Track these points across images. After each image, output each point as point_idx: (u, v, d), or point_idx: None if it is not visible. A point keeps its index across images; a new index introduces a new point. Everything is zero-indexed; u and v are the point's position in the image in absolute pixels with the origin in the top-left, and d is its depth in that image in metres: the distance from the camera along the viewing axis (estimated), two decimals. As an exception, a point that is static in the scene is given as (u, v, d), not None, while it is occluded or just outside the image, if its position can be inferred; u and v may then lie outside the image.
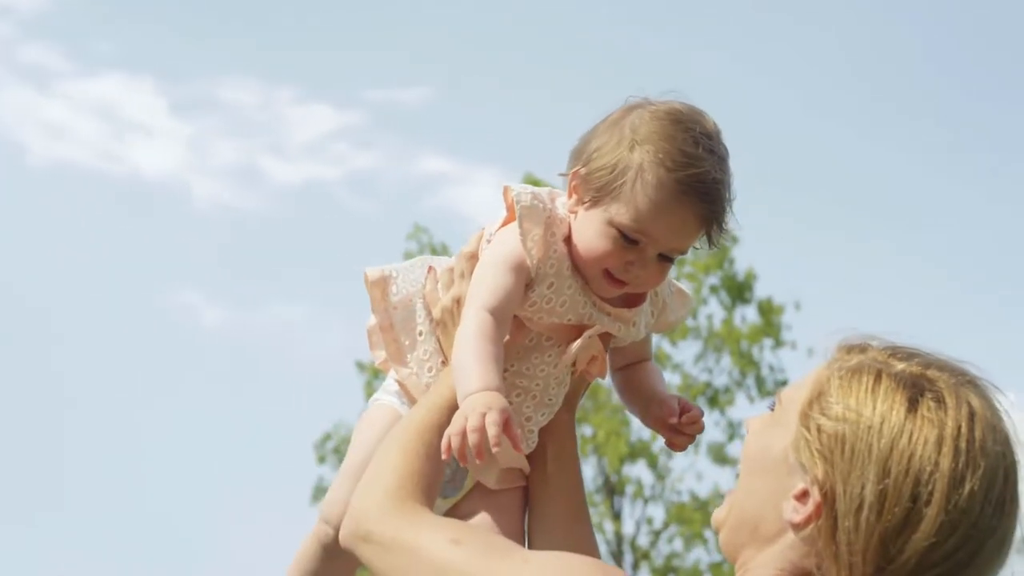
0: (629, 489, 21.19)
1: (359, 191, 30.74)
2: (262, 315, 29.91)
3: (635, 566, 21.00)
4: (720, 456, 21.30)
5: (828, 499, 1.94)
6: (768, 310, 21.75)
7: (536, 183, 16.25)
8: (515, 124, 29.99)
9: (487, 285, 2.53)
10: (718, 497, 21.10)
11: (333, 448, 22.10)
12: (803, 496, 1.97)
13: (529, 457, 2.68)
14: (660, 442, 20.61)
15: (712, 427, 21.46)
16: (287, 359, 29.59)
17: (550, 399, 2.66)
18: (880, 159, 29.51)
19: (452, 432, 2.34)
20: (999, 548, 1.95)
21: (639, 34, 29.65)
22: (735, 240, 18.20)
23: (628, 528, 21.18)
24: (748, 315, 21.91)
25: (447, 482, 2.67)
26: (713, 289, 21.62)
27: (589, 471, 21.01)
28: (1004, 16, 30.47)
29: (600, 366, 2.64)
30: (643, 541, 21.19)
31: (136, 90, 30.90)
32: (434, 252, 21.86)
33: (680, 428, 2.69)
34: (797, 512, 1.97)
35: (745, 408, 21.79)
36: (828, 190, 28.44)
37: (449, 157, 33.20)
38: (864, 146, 29.64)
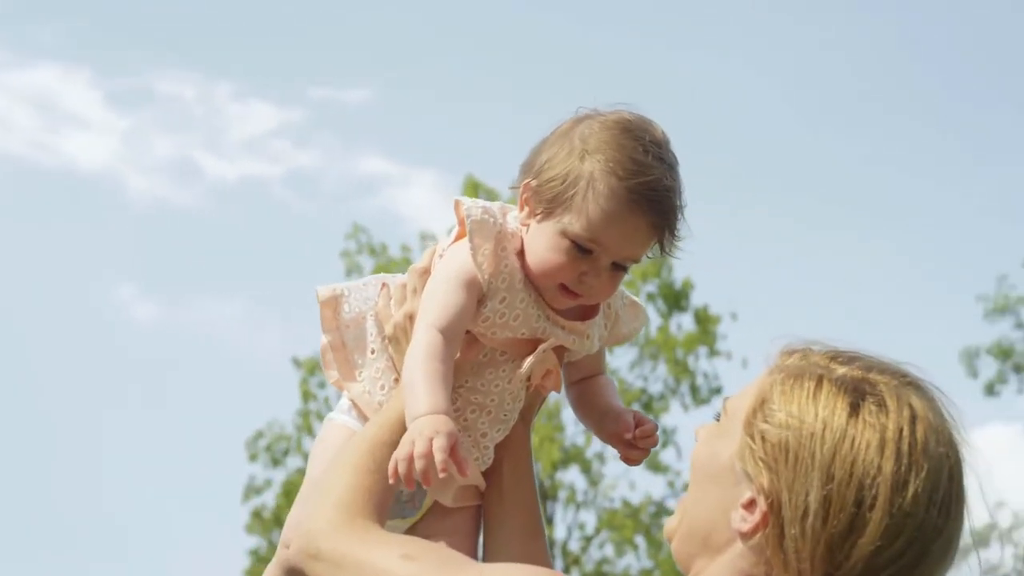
0: (562, 494, 21.20)
1: (297, 189, 30.61)
2: (196, 311, 29.71)
3: (566, 571, 21.00)
4: (653, 463, 21.35)
5: (774, 508, 1.94)
6: (704, 319, 21.86)
7: (477, 186, 16.19)
8: (455, 127, 30.03)
9: (437, 302, 2.52)
10: (650, 504, 21.17)
11: (265, 446, 21.94)
12: (750, 505, 1.97)
13: (485, 474, 2.67)
14: (593, 448, 20.79)
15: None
16: (220, 356, 29.39)
17: (505, 415, 2.65)
18: (823, 171, 29.74)
19: (399, 457, 2.32)
20: (946, 549, 1.95)
21: (580, 37, 29.71)
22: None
23: (560, 533, 21.19)
24: (684, 323, 22.03)
25: (405, 502, 2.66)
26: (650, 297, 21.72)
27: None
28: (978, 15, 30.84)
29: (555, 380, 2.63)
30: (574, 546, 21.22)
31: (72, 81, 30.61)
32: (372, 252, 21.91)
33: (634, 442, 2.66)
34: (745, 521, 1.97)
35: (679, 416, 21.93)
36: (770, 202, 28.61)
37: (389, 158, 33.15)
38: (807, 158, 29.86)
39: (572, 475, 21.39)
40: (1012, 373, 24.39)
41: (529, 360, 2.58)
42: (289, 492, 21.49)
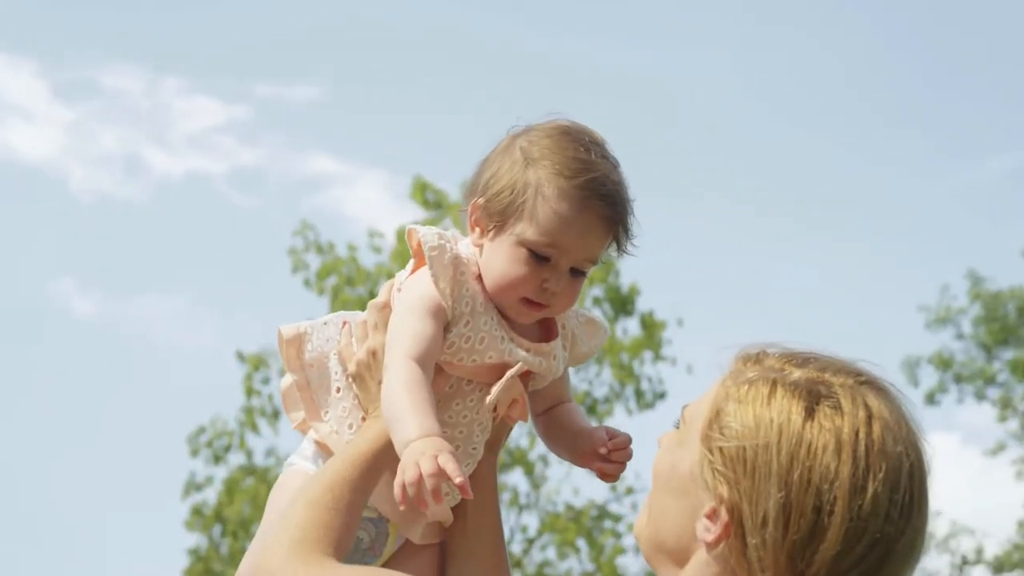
0: (505, 496, 21.18)
1: (243, 186, 30.39)
2: (138, 306, 29.42)
3: (507, 574, 20.96)
4: (596, 467, 21.38)
5: (735, 517, 1.94)
6: (650, 324, 21.89)
7: (425, 186, 16.12)
8: (404, 128, 29.89)
9: (406, 333, 2.49)
10: (592, 507, 21.19)
11: (206, 442, 21.77)
12: (713, 515, 1.97)
13: (452, 509, 2.62)
14: (537, 451, 20.75)
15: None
16: (162, 352, 29.14)
17: (474, 447, 2.62)
18: (769, 180, 29.92)
19: (407, 481, 2.26)
20: (910, 548, 1.95)
21: (528, 38, 29.72)
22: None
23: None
24: (630, 328, 22.05)
25: (367, 549, 2.62)
26: (596, 301, 21.72)
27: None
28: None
29: (521, 409, 2.61)
30: (516, 549, 21.19)
31: (17, 72, 30.23)
32: (319, 250, 21.74)
33: (609, 456, 2.64)
34: (709, 531, 1.97)
35: (623, 420, 21.89)
36: (716, 210, 28.74)
37: (336, 157, 32.88)
38: (754, 166, 30.04)
39: (515, 477, 21.38)
40: (952, 383, 24.64)
41: (497, 386, 2.54)
42: (231, 489, 21.36)
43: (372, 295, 19.23)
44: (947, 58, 32.43)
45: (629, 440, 2.66)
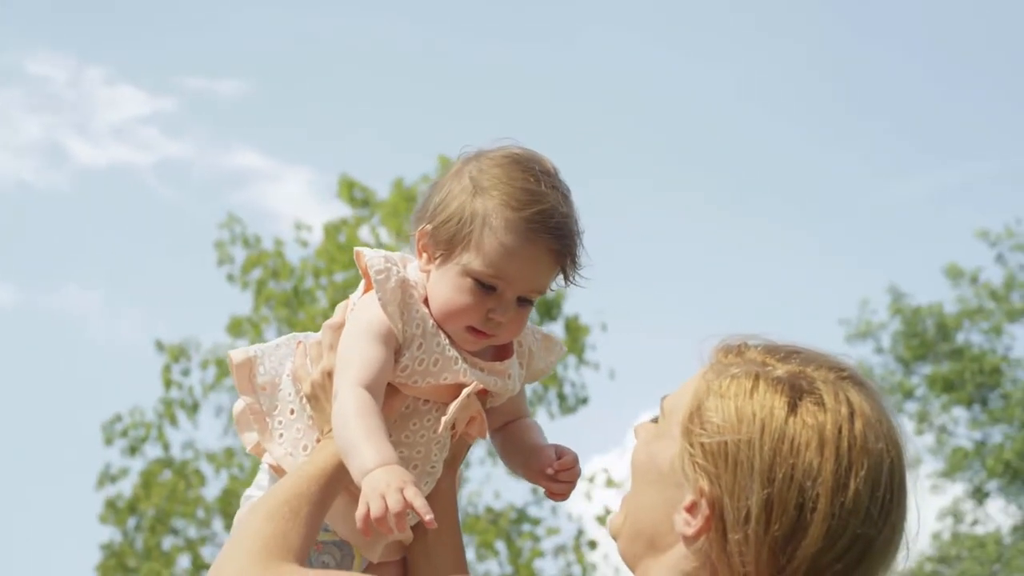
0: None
1: (166, 179, 30.07)
2: (57, 296, 29.03)
3: None
4: (517, 470, 21.37)
5: (716, 512, 1.93)
6: (575, 329, 21.92)
7: (351, 184, 16.00)
8: (330, 126, 29.73)
9: (356, 358, 2.46)
10: (512, 511, 21.16)
11: (121, 431, 21.48)
12: (692, 508, 1.96)
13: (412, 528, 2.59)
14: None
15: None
16: (82, 342, 28.75)
17: (432, 466, 2.60)
18: (695, 187, 30.10)
19: (374, 516, 2.24)
20: (889, 544, 1.95)
21: (453, 38, 29.70)
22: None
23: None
24: (555, 332, 22.05)
25: (334, 568, 2.59)
26: (522, 303, 21.76)
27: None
28: None
29: (480, 426, 2.58)
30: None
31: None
32: (246, 244, 21.56)
33: (556, 476, 2.61)
34: (688, 525, 1.96)
35: (546, 424, 21.85)
36: (639, 220, 28.86)
37: (261, 153, 32.76)
38: (683, 172, 30.20)
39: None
40: (871, 396, 24.87)
41: (453, 405, 2.52)
42: (147, 482, 21.11)
43: (296, 290, 19.13)
44: (872, 77, 32.83)
45: (575, 460, 2.63)
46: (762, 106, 31.76)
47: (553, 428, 21.97)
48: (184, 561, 21.04)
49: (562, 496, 2.63)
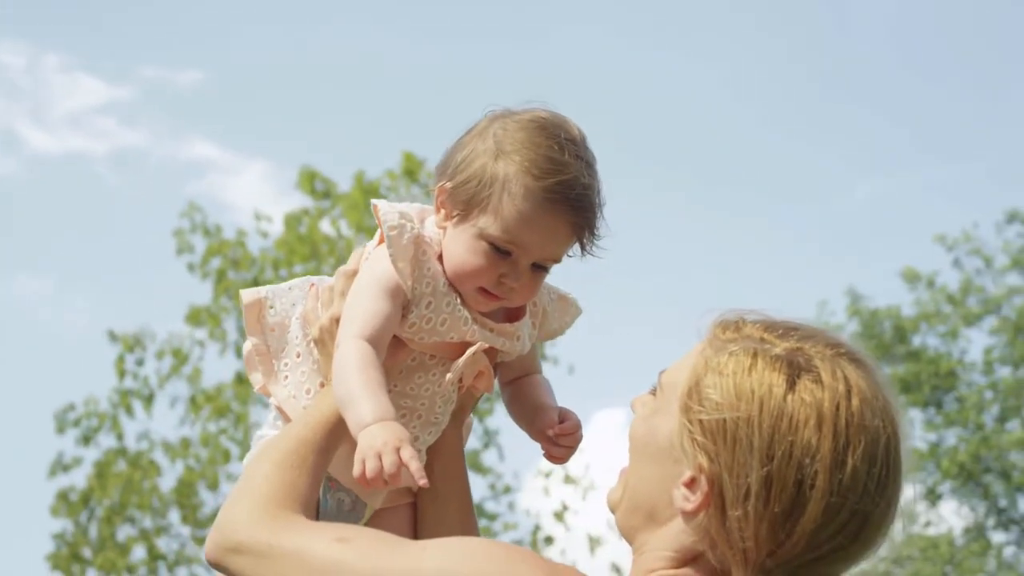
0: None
1: (121, 168, 29.80)
2: (7, 286, 28.74)
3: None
4: (475, 464, 21.30)
5: (715, 488, 1.95)
6: (534, 324, 21.93)
7: (313, 175, 15.87)
8: (289, 119, 29.56)
9: (361, 311, 2.45)
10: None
11: (74, 420, 21.29)
12: (691, 484, 1.98)
13: None
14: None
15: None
16: (32, 333, 28.48)
17: (436, 418, 2.59)
18: (658, 183, 30.17)
19: (369, 473, 2.23)
20: (884, 518, 1.99)
21: (420, 34, 29.64)
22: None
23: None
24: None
25: (348, 511, 2.62)
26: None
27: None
28: None
29: (487, 381, 2.58)
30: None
31: None
32: (207, 233, 21.41)
33: (555, 439, 2.61)
34: (688, 501, 1.98)
35: (503, 418, 21.85)
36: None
37: (218, 144, 32.45)
38: (644, 169, 30.25)
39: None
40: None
41: (457, 364, 2.52)
42: (101, 473, 20.94)
43: (256, 281, 19.05)
44: (834, 82, 33.00)
45: (578, 425, 2.62)
46: (722, 104, 31.86)
47: (509, 425, 21.93)
48: (139, 551, 20.91)
49: (560, 460, 2.61)
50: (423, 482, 2.21)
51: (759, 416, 1.93)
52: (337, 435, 2.43)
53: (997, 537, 25.48)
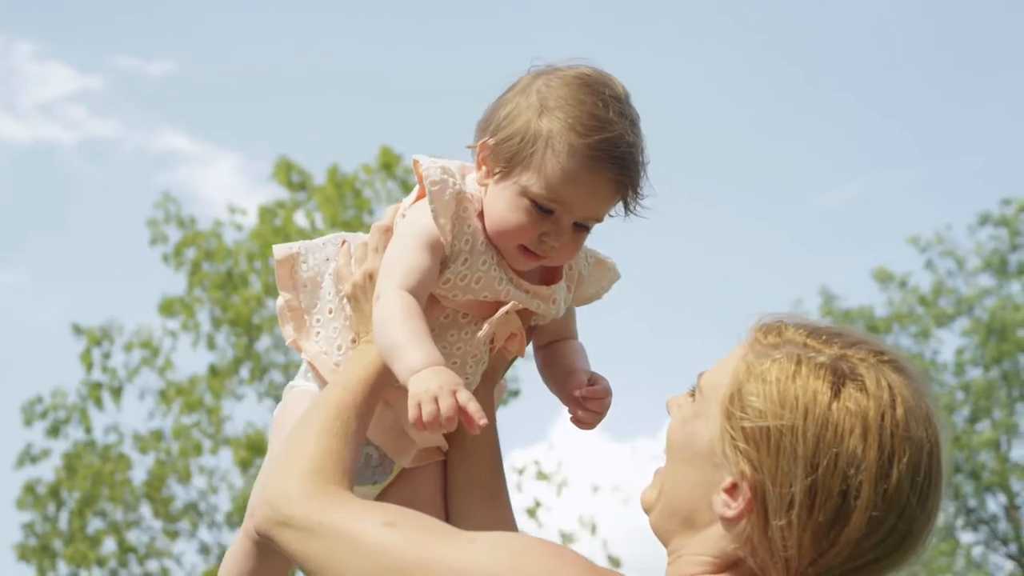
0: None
1: (92, 158, 29.61)
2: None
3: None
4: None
5: (758, 496, 1.93)
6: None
7: (289, 166, 15.75)
8: (261, 111, 29.44)
9: (402, 263, 2.42)
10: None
11: (41, 412, 21.14)
12: (732, 490, 1.96)
13: (448, 436, 2.61)
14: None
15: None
16: (3, 321, 28.28)
17: (467, 377, 2.57)
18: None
19: (426, 418, 2.19)
20: (926, 526, 1.97)
21: (391, 29, 29.56)
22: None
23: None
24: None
25: (376, 466, 2.60)
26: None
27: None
28: None
29: (519, 343, 2.56)
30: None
31: None
32: (181, 224, 21.29)
33: (582, 401, 2.58)
34: (728, 507, 1.96)
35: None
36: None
37: (189, 135, 32.30)
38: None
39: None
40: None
41: (488, 323, 2.51)
42: (70, 465, 20.81)
43: (231, 273, 18.85)
44: (807, 83, 33.09)
45: (607, 391, 2.60)
46: (698, 101, 31.90)
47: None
48: (110, 544, 20.79)
49: (587, 424, 2.58)
50: (483, 422, 2.18)
51: (804, 424, 1.91)
52: (376, 394, 2.42)
53: (966, 537, 25.64)
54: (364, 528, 2.08)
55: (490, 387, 2.67)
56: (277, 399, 20.81)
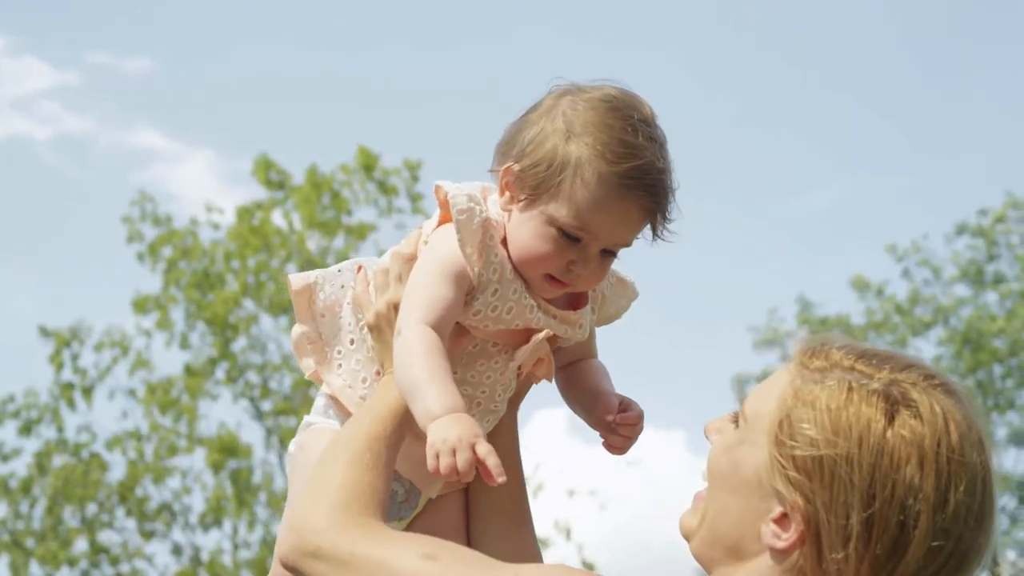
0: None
1: (66, 154, 29.40)
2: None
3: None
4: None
5: (811, 527, 1.88)
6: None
7: (269, 164, 15.63)
8: (236, 110, 29.29)
9: (424, 296, 2.35)
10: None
11: (13, 411, 21.00)
12: (783, 520, 1.91)
13: None
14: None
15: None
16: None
17: (495, 405, 2.52)
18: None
19: (444, 469, 2.14)
20: (981, 552, 1.93)
21: (369, 27, 29.48)
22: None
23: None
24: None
25: (402, 502, 2.54)
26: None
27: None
28: None
29: (547, 368, 2.51)
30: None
31: None
32: (156, 222, 21.18)
33: (615, 428, 2.53)
34: (779, 538, 1.91)
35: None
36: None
37: (164, 133, 32.08)
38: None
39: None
40: (776, 403, 25.17)
41: (522, 351, 2.45)
42: (41, 463, 20.70)
43: (207, 273, 18.73)
44: (785, 88, 33.15)
45: (640, 415, 2.56)
46: (676, 104, 31.91)
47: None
48: (81, 544, 20.67)
49: (620, 450, 2.54)
50: (502, 479, 2.13)
51: (859, 453, 1.86)
52: (405, 427, 2.36)
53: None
54: (401, 560, 2.03)
55: (514, 411, 2.62)
56: (252, 400, 20.89)
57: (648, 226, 2.43)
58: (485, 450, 2.14)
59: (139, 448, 20.72)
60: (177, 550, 20.86)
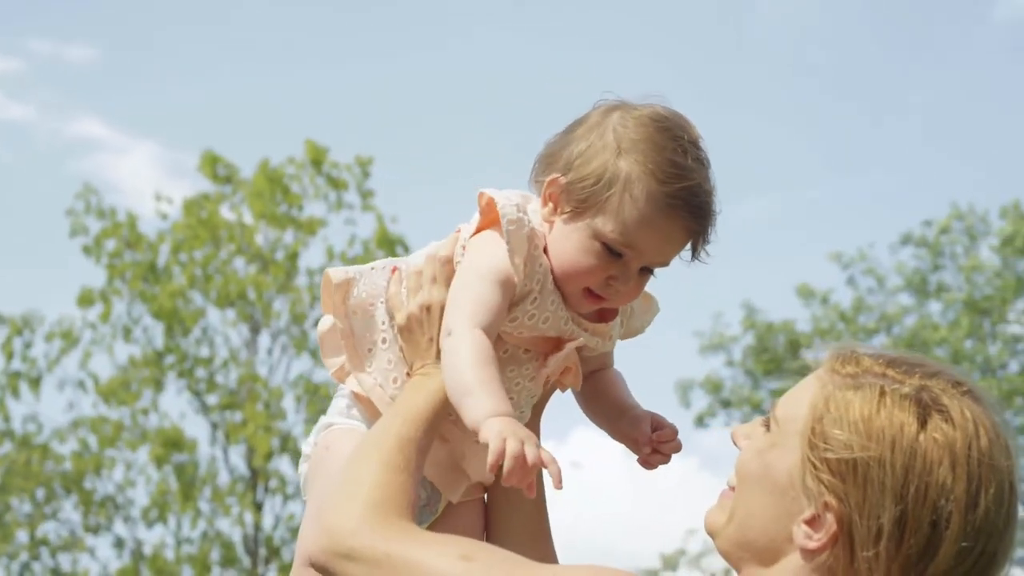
0: (273, 483, 20.72)
1: (6, 142, 29.07)
2: None
3: (266, 563, 20.57)
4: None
5: (844, 528, 1.92)
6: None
7: (215, 159, 15.53)
8: (181, 100, 29.05)
9: (474, 299, 2.37)
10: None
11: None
12: (814, 522, 1.95)
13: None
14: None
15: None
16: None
17: (521, 412, 2.53)
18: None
19: (508, 467, 2.15)
20: (1007, 555, 1.98)
21: (323, 20, 29.37)
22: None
23: (268, 521, 20.71)
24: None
25: (424, 506, 2.54)
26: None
27: (237, 460, 20.51)
28: None
29: (575, 377, 2.54)
30: (278, 536, 20.72)
31: None
32: (101, 215, 20.95)
33: (656, 448, 2.58)
34: (810, 539, 1.95)
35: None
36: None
37: (106, 123, 31.78)
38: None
39: (284, 465, 20.93)
40: (720, 407, 25.27)
41: (554, 360, 2.48)
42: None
43: (152, 265, 18.49)
44: (738, 95, 33.34)
45: (675, 432, 2.61)
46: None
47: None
48: (22, 536, 20.44)
49: (655, 467, 2.60)
50: (561, 486, 2.17)
51: (891, 456, 1.91)
52: (435, 429, 2.38)
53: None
54: (438, 561, 2.03)
55: (537, 417, 2.64)
56: (198, 394, 20.73)
57: (689, 246, 2.46)
58: (549, 456, 2.18)
59: (82, 440, 20.53)
60: (119, 543, 20.67)
